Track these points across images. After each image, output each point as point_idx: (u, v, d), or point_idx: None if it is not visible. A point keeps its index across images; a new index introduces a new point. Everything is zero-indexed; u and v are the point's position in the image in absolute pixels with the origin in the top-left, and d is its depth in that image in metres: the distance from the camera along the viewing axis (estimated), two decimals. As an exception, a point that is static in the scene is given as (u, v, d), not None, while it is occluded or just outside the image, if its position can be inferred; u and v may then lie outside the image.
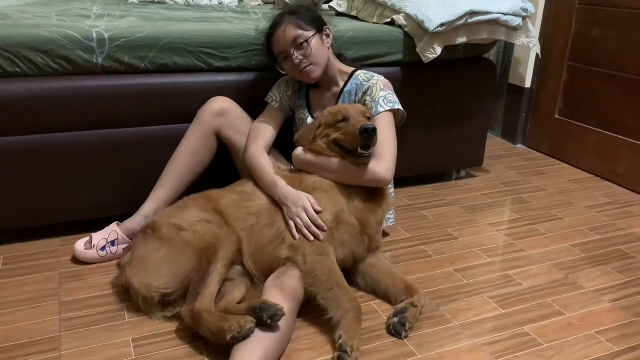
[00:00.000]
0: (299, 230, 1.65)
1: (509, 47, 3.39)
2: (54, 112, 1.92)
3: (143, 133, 2.06)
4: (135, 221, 1.93)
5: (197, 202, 1.78)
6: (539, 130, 3.33)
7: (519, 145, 3.43)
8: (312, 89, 2.06)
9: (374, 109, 1.86)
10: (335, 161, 1.77)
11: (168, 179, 1.96)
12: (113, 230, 1.92)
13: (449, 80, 2.57)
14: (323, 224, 1.66)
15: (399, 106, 1.90)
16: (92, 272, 1.87)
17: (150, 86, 2.02)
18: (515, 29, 2.45)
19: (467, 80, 2.62)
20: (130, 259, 1.67)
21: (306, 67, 1.88)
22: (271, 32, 1.93)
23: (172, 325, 1.60)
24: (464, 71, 2.60)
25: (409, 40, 2.36)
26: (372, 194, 1.79)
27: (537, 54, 3.13)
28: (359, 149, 1.70)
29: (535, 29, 3.10)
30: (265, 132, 1.97)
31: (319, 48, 1.89)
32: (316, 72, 1.91)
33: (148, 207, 1.94)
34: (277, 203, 1.75)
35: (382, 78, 1.95)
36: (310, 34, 1.87)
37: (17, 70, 1.86)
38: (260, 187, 1.82)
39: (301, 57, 1.87)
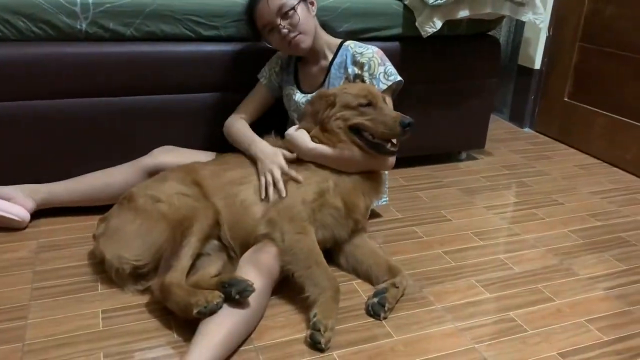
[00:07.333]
0: (266, 189, 1.63)
1: (519, 27, 3.25)
2: (36, 79, 1.87)
3: (128, 102, 2.01)
4: (11, 189, 1.87)
5: (177, 174, 1.73)
6: (547, 114, 3.20)
7: (527, 129, 3.31)
8: (300, 64, 1.99)
9: (376, 86, 1.79)
10: (357, 153, 1.67)
11: (72, 186, 1.93)
12: None
13: (451, 57, 2.47)
14: (298, 177, 1.64)
15: (399, 77, 1.83)
16: (71, 243, 1.83)
17: (136, 54, 1.97)
18: (521, 4, 2.33)
19: (469, 58, 2.52)
20: (104, 230, 1.62)
21: (295, 36, 1.80)
22: (253, 4, 1.84)
23: (144, 299, 1.56)
24: (466, 48, 2.49)
25: (409, 14, 2.27)
26: (366, 178, 1.72)
27: (547, 34, 3.02)
28: (391, 141, 1.66)
29: (547, 7, 2.98)
30: (246, 106, 1.97)
31: (306, 16, 1.81)
32: (306, 41, 1.83)
33: (38, 188, 1.90)
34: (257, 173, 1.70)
35: (376, 49, 1.86)
36: (295, 1, 1.79)
37: (-2, 34, 1.82)
38: (241, 152, 1.80)
39: (289, 27, 1.79)
